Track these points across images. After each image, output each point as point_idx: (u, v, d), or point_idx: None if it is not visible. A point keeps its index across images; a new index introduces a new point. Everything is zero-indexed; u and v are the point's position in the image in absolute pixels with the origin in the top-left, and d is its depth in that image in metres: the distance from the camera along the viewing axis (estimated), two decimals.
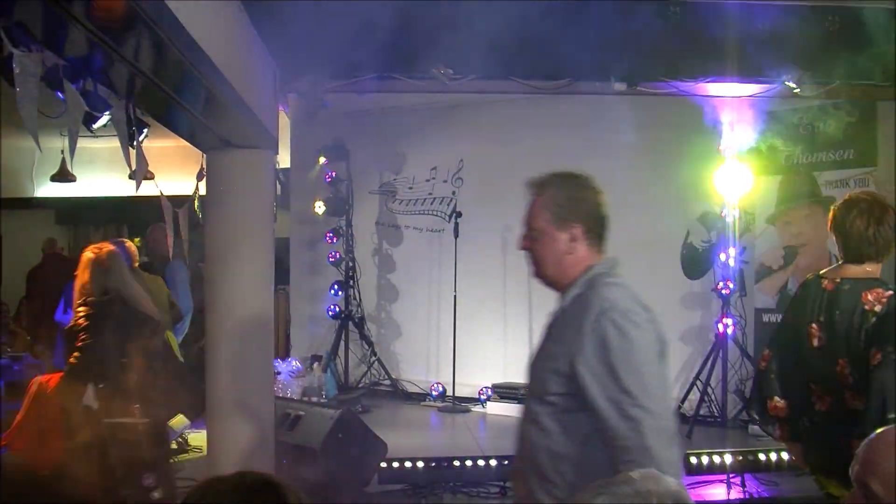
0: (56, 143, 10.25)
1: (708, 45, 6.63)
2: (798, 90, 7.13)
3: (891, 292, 3.62)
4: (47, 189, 12.73)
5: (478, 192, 10.19)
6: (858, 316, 3.61)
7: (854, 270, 3.75)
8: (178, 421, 6.77)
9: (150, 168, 7.74)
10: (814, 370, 3.75)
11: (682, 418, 8.45)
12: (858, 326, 3.59)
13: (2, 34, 2.91)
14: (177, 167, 8.65)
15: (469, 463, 6.01)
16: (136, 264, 8.01)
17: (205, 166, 6.00)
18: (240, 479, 1.82)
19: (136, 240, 8.17)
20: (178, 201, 6.26)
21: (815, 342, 3.74)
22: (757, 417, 4.10)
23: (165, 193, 5.94)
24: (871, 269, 3.74)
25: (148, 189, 6.20)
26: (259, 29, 5.55)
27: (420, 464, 5.96)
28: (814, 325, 3.75)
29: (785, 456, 5.90)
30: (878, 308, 3.58)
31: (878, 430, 2.12)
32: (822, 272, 3.97)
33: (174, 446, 6.90)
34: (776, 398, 3.87)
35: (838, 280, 3.75)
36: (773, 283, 8.29)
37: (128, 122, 4.42)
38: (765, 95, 7.57)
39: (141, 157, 4.36)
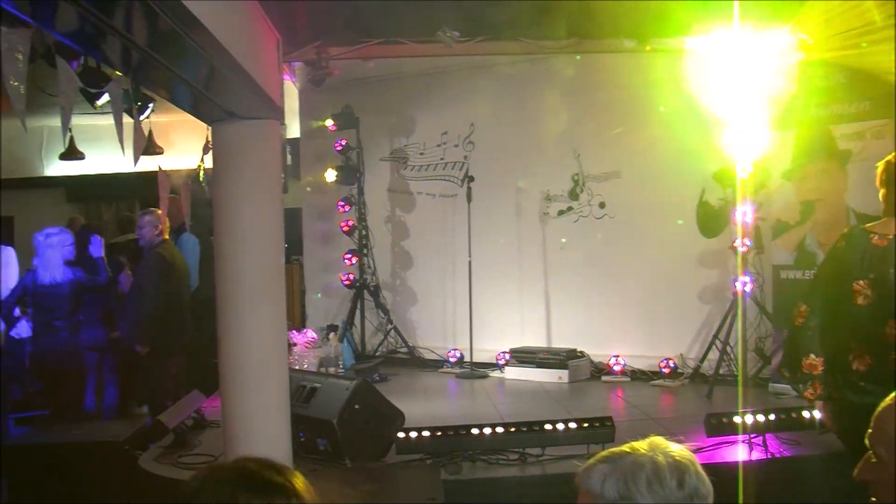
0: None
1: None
2: (810, 42, 6.98)
3: None
4: (57, 168, 12.69)
5: (490, 156, 10.10)
6: None
7: None
8: None
9: (157, 143, 7.74)
10: (857, 328, 3.63)
11: (703, 378, 8.39)
12: None
13: None
14: (184, 141, 8.58)
15: (487, 430, 5.94)
16: (167, 235, 7.96)
17: (210, 139, 5.90)
18: (241, 466, 1.74)
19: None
20: (184, 176, 6.20)
21: (861, 300, 3.61)
22: (787, 375, 3.96)
23: (174, 168, 5.88)
24: None
25: (157, 164, 6.16)
26: None
27: (438, 433, 5.89)
28: (861, 282, 3.62)
29: (806, 414, 5.78)
30: None
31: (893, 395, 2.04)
32: (867, 226, 3.81)
33: (190, 422, 6.87)
34: (812, 356, 3.75)
35: (891, 236, 3.60)
36: (791, 239, 8.16)
37: (133, 97, 4.35)
38: (776, 49, 7.39)
39: (139, 132, 4.27)
